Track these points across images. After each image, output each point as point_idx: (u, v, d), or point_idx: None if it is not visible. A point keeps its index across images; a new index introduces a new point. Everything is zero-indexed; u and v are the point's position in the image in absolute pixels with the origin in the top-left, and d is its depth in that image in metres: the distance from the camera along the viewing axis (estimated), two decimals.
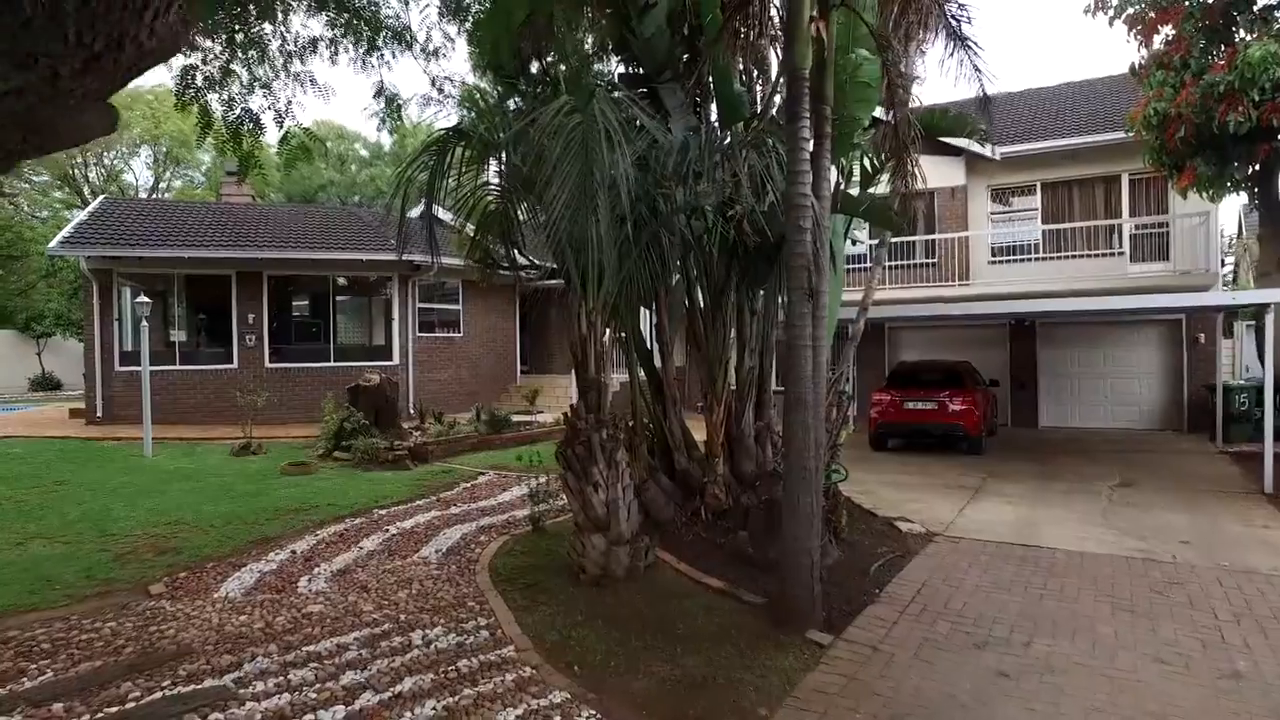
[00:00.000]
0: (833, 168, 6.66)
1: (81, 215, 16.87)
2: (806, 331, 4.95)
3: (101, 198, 19.49)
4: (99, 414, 15.16)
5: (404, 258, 15.36)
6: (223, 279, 15.75)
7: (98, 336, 15.18)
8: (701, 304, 7.74)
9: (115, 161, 36.37)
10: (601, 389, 5.87)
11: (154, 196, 34.12)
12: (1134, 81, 11.51)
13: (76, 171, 34.65)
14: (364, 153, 45.53)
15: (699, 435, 7.95)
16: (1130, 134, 11.20)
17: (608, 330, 6.04)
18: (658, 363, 8.15)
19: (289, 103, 6.35)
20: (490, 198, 7.21)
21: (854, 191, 7.84)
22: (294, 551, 6.82)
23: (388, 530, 7.57)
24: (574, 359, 5.99)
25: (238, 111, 6.05)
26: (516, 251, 7.76)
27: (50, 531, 7.59)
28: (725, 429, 7.65)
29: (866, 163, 8.04)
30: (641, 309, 8.60)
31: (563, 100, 4.94)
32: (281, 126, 6.29)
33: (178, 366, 15.66)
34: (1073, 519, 8.00)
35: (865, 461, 11.78)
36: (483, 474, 10.64)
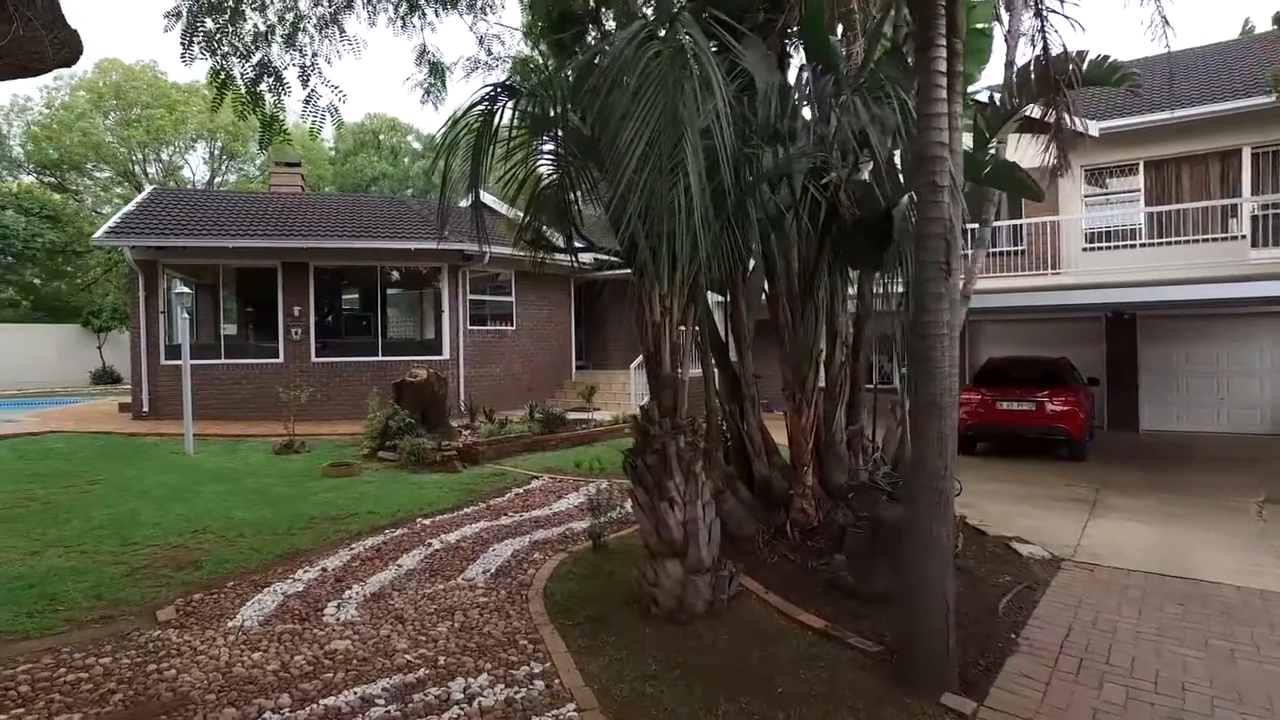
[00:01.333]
0: None
1: (129, 205, 16.55)
2: (943, 318, 3.92)
3: (150, 188, 19.25)
4: (145, 409, 14.79)
5: (454, 247, 14.68)
6: (268, 270, 15.23)
7: (143, 329, 14.79)
8: (785, 289, 6.74)
9: (173, 156, 36.71)
10: (678, 388, 4.92)
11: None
12: (1272, 39, 10.07)
13: (136, 168, 35.03)
14: (416, 145, 45.34)
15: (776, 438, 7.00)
16: (1273, 96, 9.76)
17: (687, 319, 5.06)
18: (733, 356, 7.19)
19: (314, 55, 5.52)
20: (544, 168, 6.37)
21: None
22: (324, 569, 6.03)
23: (430, 544, 6.74)
24: (645, 352, 5.05)
25: (256, 60, 5.22)
26: (574, 232, 6.93)
27: (70, 538, 6.97)
28: (814, 433, 6.65)
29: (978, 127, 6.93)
30: (712, 296, 7.67)
31: (638, 25, 3.97)
32: (307, 84, 5.46)
33: (223, 360, 15.19)
34: (1226, 544, 6.76)
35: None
36: (536, 478, 9.78)
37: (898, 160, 6.11)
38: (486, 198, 6.34)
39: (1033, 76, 5.35)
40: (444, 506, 8.17)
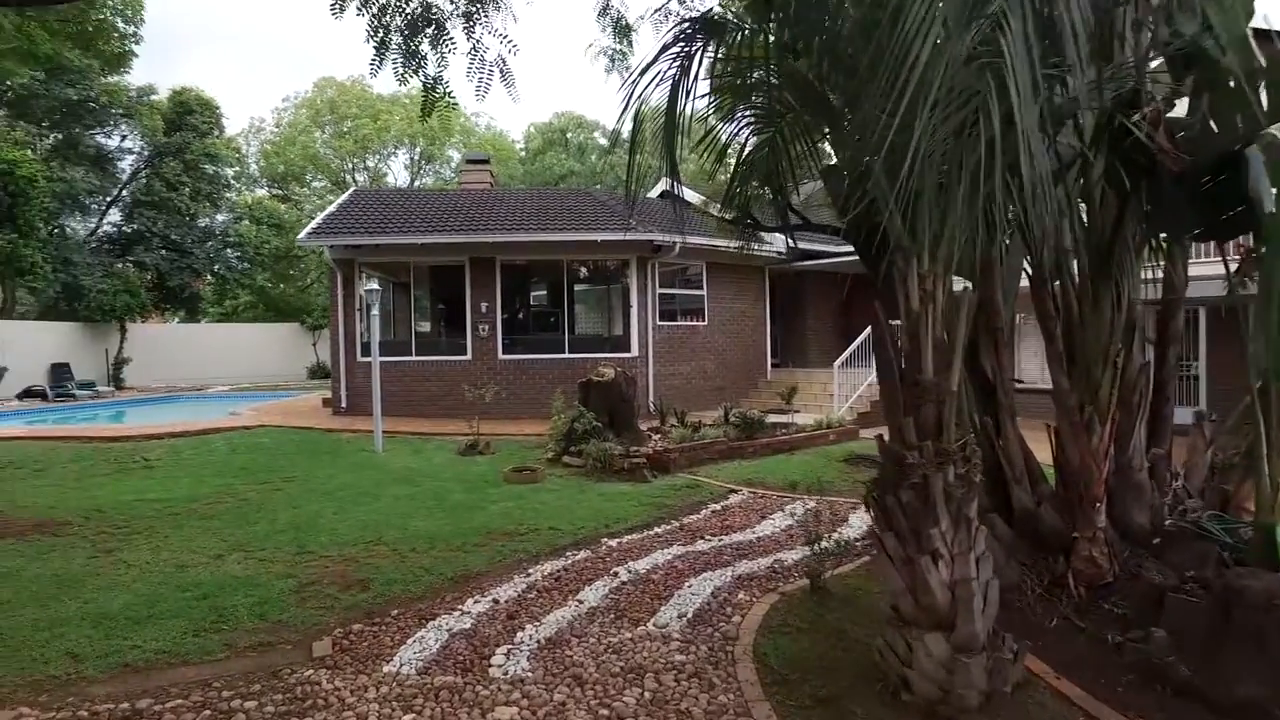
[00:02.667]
0: None
1: (330, 208, 17.22)
2: None
3: (351, 190, 20.09)
4: (343, 405, 15.20)
5: (642, 237, 13.96)
6: (456, 267, 15.20)
7: (341, 326, 15.21)
8: (1049, 268, 5.20)
9: (378, 164, 39.33)
10: (945, 401, 3.59)
11: None
12: None
13: (346, 176, 37.81)
14: (603, 141, 45.73)
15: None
16: None
17: (957, 311, 3.72)
18: (983, 357, 5.70)
19: (479, 3, 4.68)
20: (747, 132, 5.30)
21: None
22: (496, 601, 5.24)
23: (616, 573, 5.81)
24: (895, 352, 3.77)
25: (411, 9, 4.47)
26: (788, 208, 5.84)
27: (253, 541, 6.76)
28: (1106, 458, 5.04)
29: None
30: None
31: None
32: (472, 34, 4.65)
33: (414, 357, 15.35)
34: None
35: None
36: (735, 491, 8.65)
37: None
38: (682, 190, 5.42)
39: None
40: (632, 524, 7.25)
